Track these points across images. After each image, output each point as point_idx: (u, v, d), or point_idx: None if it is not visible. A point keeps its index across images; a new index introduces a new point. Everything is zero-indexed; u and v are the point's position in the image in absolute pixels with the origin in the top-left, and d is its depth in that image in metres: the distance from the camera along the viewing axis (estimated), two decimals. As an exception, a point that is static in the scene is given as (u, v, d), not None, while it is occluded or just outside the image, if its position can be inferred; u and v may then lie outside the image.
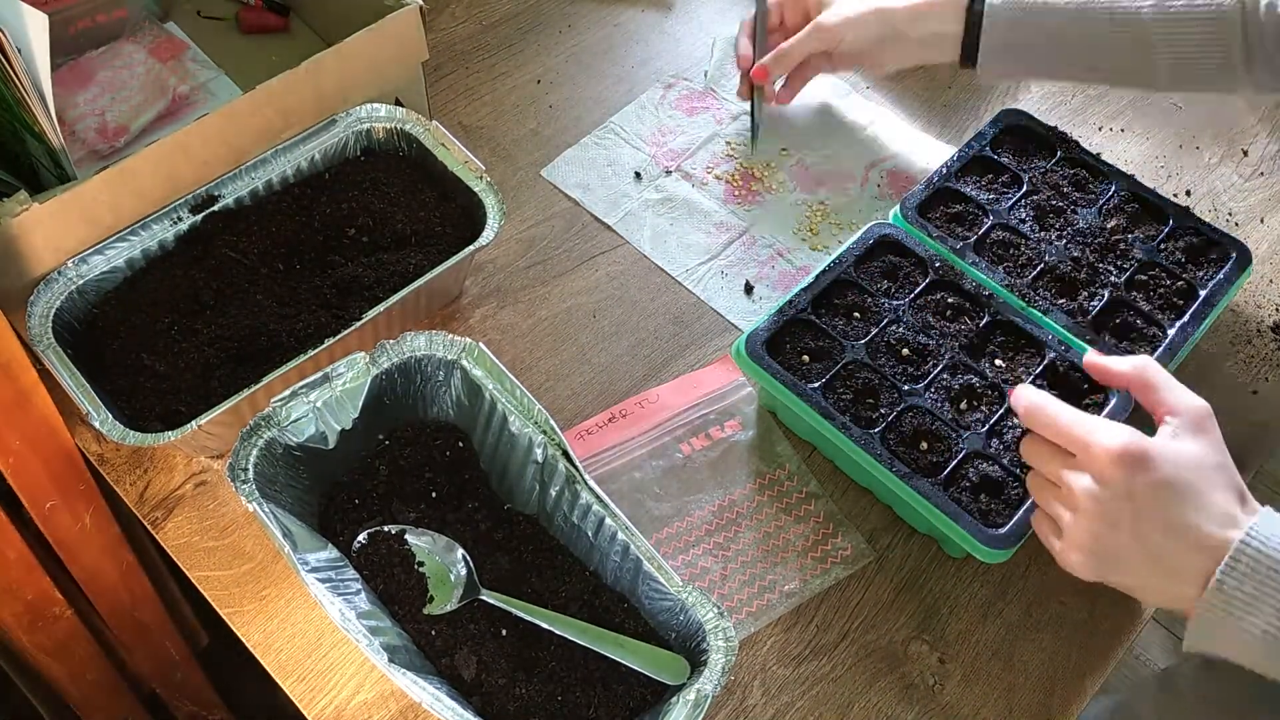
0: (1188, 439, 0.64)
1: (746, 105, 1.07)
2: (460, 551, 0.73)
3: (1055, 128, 0.98)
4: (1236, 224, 1.04)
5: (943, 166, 0.94)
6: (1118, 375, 0.70)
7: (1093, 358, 0.71)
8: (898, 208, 0.92)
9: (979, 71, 0.94)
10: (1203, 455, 0.64)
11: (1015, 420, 0.81)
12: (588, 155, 1.06)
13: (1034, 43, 0.90)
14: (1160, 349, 0.84)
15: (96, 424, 0.73)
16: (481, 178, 0.88)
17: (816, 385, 0.81)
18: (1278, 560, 0.60)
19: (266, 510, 0.68)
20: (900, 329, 0.85)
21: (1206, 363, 0.93)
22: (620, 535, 0.71)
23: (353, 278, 0.85)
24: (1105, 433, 0.64)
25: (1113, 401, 0.81)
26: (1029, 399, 0.69)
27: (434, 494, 0.78)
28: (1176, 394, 0.66)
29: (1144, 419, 0.68)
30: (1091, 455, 0.64)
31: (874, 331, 0.85)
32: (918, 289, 0.87)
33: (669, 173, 1.05)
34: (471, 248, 0.84)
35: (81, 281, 0.81)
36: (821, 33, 0.98)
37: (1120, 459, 0.62)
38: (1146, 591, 0.66)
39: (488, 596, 0.72)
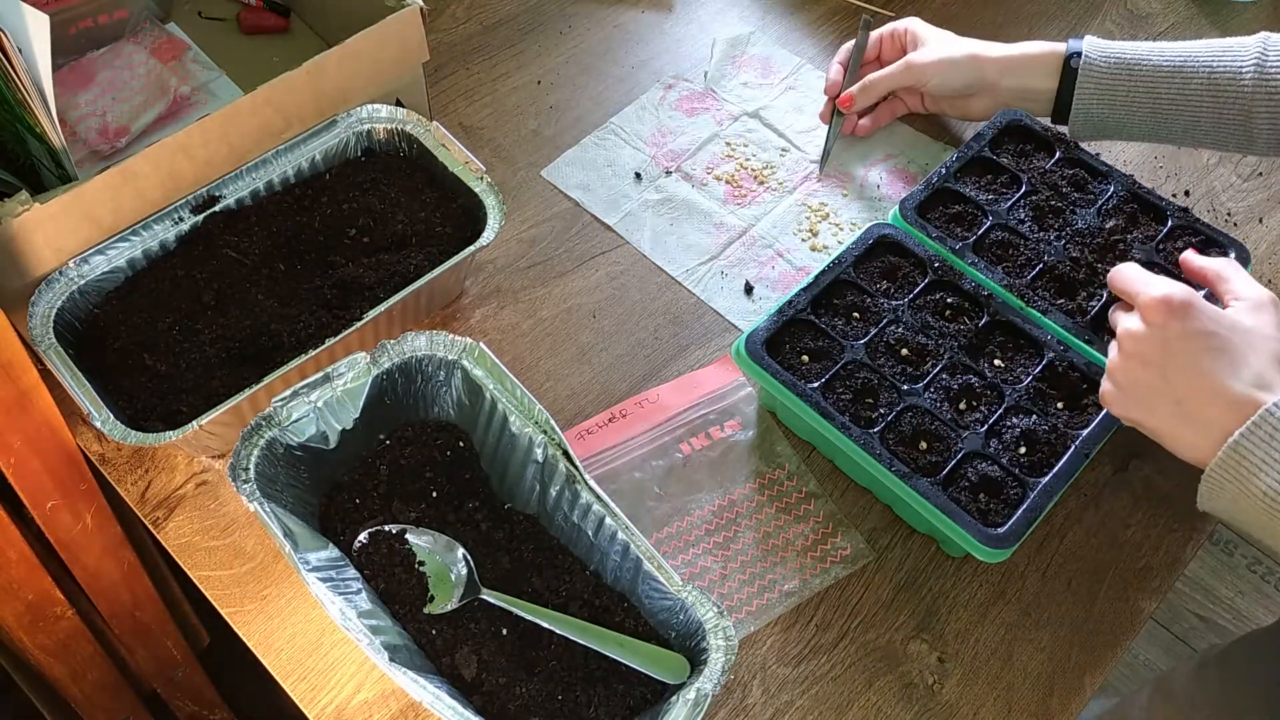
0: (1242, 312, 0.69)
1: (751, 111, 1.07)
2: (461, 551, 0.73)
3: (1055, 128, 0.98)
4: (1235, 224, 1.04)
5: (942, 166, 0.95)
6: (1199, 269, 0.77)
7: (1189, 255, 0.79)
8: (897, 208, 0.92)
9: (1070, 130, 0.94)
10: (1251, 325, 0.68)
11: (1014, 420, 0.81)
12: (588, 156, 1.06)
13: (1129, 104, 0.89)
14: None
15: (98, 424, 0.73)
16: (482, 178, 0.89)
17: (816, 385, 0.81)
18: None
19: (267, 510, 0.68)
20: (900, 329, 0.85)
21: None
22: (620, 535, 0.72)
23: (353, 278, 0.85)
24: (1157, 283, 0.70)
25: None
26: (1114, 269, 0.76)
27: (434, 494, 0.78)
28: (1245, 283, 0.72)
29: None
30: (1140, 301, 0.70)
31: (873, 331, 0.85)
32: (917, 289, 0.87)
33: (669, 173, 1.05)
34: (472, 248, 0.84)
35: (83, 282, 0.81)
36: (911, 70, 0.98)
37: (1162, 302, 0.68)
38: (1166, 436, 0.69)
39: (488, 596, 0.72)
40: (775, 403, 0.87)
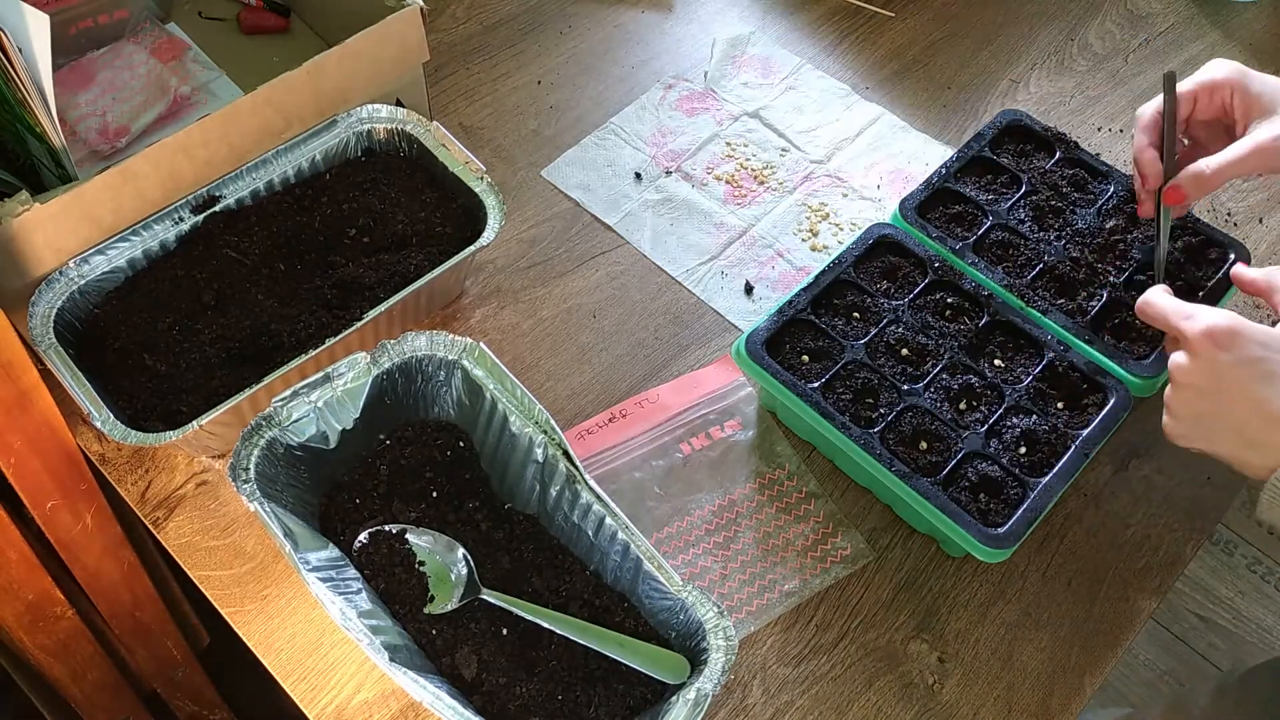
0: None
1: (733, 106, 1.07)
2: (461, 551, 0.73)
3: (1054, 128, 0.98)
4: (1235, 224, 1.04)
5: (942, 166, 0.95)
6: (1249, 282, 0.76)
7: (1239, 269, 0.77)
8: (897, 208, 0.92)
9: None
10: None
11: (1014, 420, 0.81)
12: (588, 156, 1.06)
13: None
14: (1159, 349, 0.84)
15: (98, 424, 0.73)
16: (482, 178, 0.89)
17: (816, 385, 0.81)
18: None
19: (268, 510, 0.68)
20: (900, 329, 0.85)
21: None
22: (620, 535, 0.72)
23: (353, 278, 0.85)
24: (1200, 315, 0.70)
25: (1112, 399, 0.81)
26: (1141, 299, 0.76)
27: (434, 494, 0.78)
28: None
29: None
30: (1186, 336, 0.70)
31: (873, 331, 0.85)
32: (917, 289, 0.87)
33: (669, 173, 1.05)
34: (472, 248, 0.84)
35: (83, 282, 0.81)
36: (1264, 156, 0.79)
37: (1207, 335, 0.68)
38: (1234, 461, 0.70)
39: (488, 596, 0.72)
40: (775, 403, 0.87)
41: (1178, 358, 0.71)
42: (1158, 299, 0.75)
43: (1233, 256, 0.90)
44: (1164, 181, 0.83)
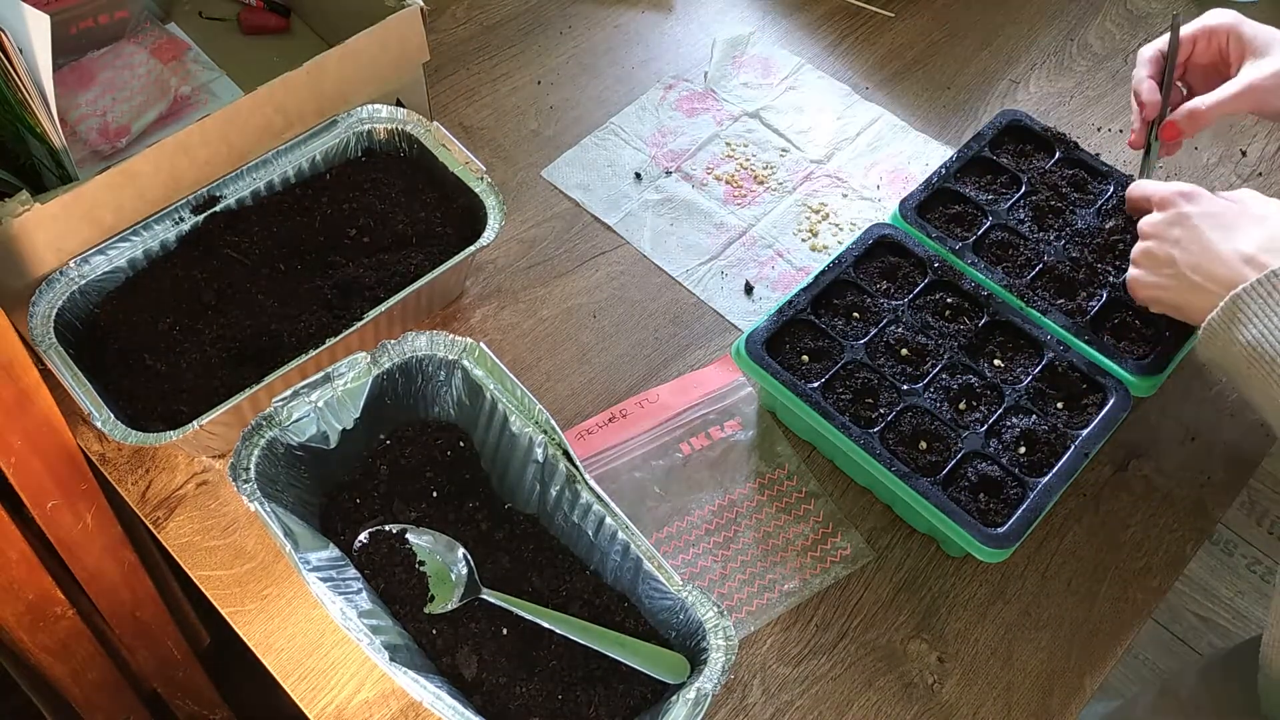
0: (1248, 197, 0.76)
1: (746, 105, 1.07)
2: (461, 551, 0.73)
3: (1054, 128, 0.98)
4: (1235, 224, 1.04)
5: (942, 166, 0.95)
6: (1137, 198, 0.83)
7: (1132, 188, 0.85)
8: (897, 208, 0.92)
9: None
10: (1259, 204, 0.74)
11: (1014, 420, 0.81)
12: (588, 156, 1.06)
13: None
14: (1158, 349, 0.84)
15: (98, 424, 0.73)
16: (482, 178, 0.89)
17: (816, 385, 0.82)
18: None
19: (268, 510, 0.68)
20: (899, 329, 0.86)
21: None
22: (620, 535, 0.72)
23: (354, 278, 0.85)
24: (1167, 184, 0.79)
25: (1112, 399, 0.81)
26: (1130, 187, 0.84)
27: (435, 493, 0.78)
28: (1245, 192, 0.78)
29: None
30: (1155, 200, 0.79)
31: (873, 331, 0.85)
32: (917, 289, 0.88)
33: (669, 173, 1.05)
34: (472, 248, 0.84)
35: (83, 282, 0.81)
36: (1256, 95, 0.83)
37: (1174, 193, 0.77)
38: (1183, 306, 0.76)
39: (488, 595, 0.72)
40: (775, 403, 0.87)
41: (1149, 215, 0.79)
42: (1146, 182, 0.83)
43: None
44: (1159, 117, 0.87)
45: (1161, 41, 0.88)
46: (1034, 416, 0.81)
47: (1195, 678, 1.06)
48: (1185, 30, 0.87)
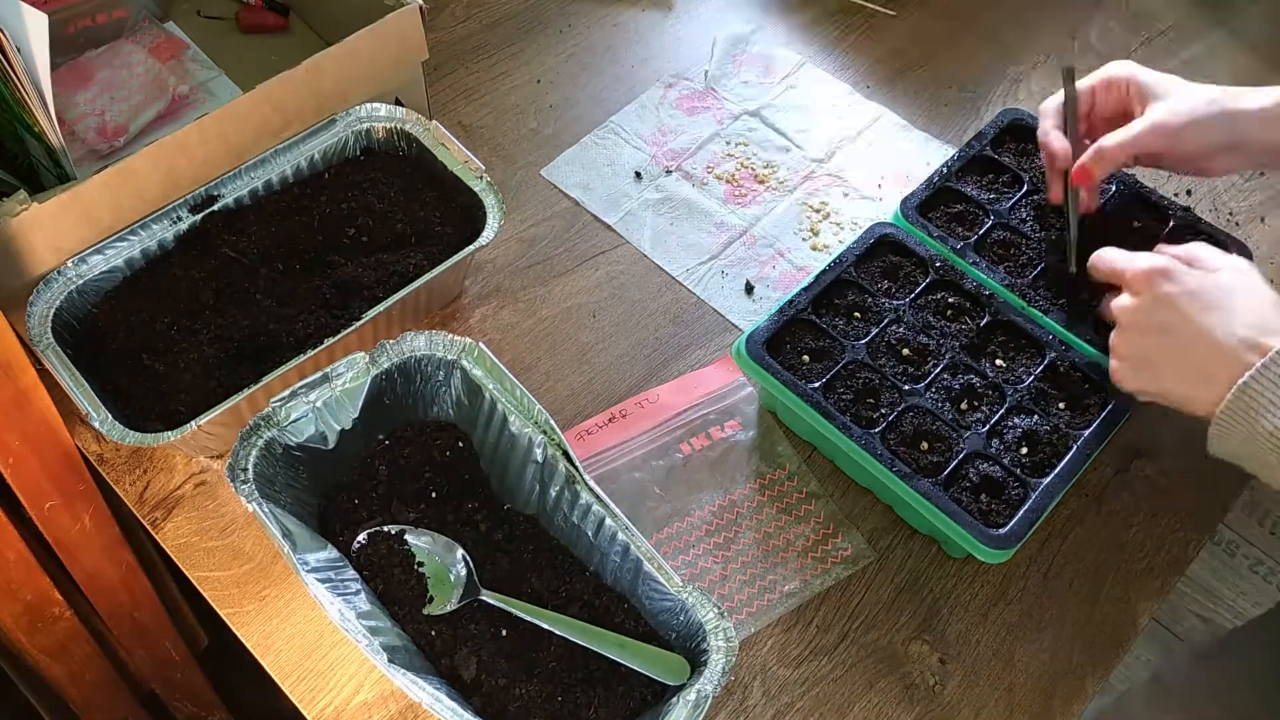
0: (1225, 270, 0.71)
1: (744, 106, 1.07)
2: (460, 552, 0.73)
3: (1056, 127, 0.98)
4: (1237, 224, 1.04)
5: (943, 166, 0.94)
6: (1172, 254, 0.74)
7: (1160, 247, 0.76)
8: (898, 207, 0.91)
9: None
10: (1234, 277, 0.69)
11: (1016, 420, 0.81)
12: (588, 155, 1.05)
13: None
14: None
15: (96, 424, 0.73)
16: (481, 177, 0.88)
17: (817, 385, 0.81)
18: None
19: (266, 510, 0.68)
20: (901, 329, 0.85)
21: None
22: (620, 535, 0.71)
23: (352, 278, 0.85)
24: (1140, 257, 0.73)
25: (1114, 401, 0.81)
26: (1094, 256, 0.78)
27: (434, 494, 0.77)
28: (1219, 254, 0.73)
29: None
30: (1126, 279, 0.73)
31: (874, 331, 0.85)
32: (918, 289, 0.87)
33: (669, 172, 1.04)
34: (471, 247, 0.84)
35: (81, 281, 0.81)
36: (1161, 134, 0.82)
37: (1148, 273, 0.71)
38: (1178, 398, 0.71)
39: (488, 597, 0.72)
40: (776, 403, 0.87)
41: (1121, 300, 0.74)
42: (1109, 252, 0.77)
43: (1234, 253, 0.89)
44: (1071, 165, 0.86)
45: (1059, 95, 0.88)
46: (1036, 417, 0.81)
47: (1187, 666, 1.06)
48: (1085, 82, 0.87)
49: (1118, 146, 0.83)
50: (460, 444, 0.79)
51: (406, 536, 0.73)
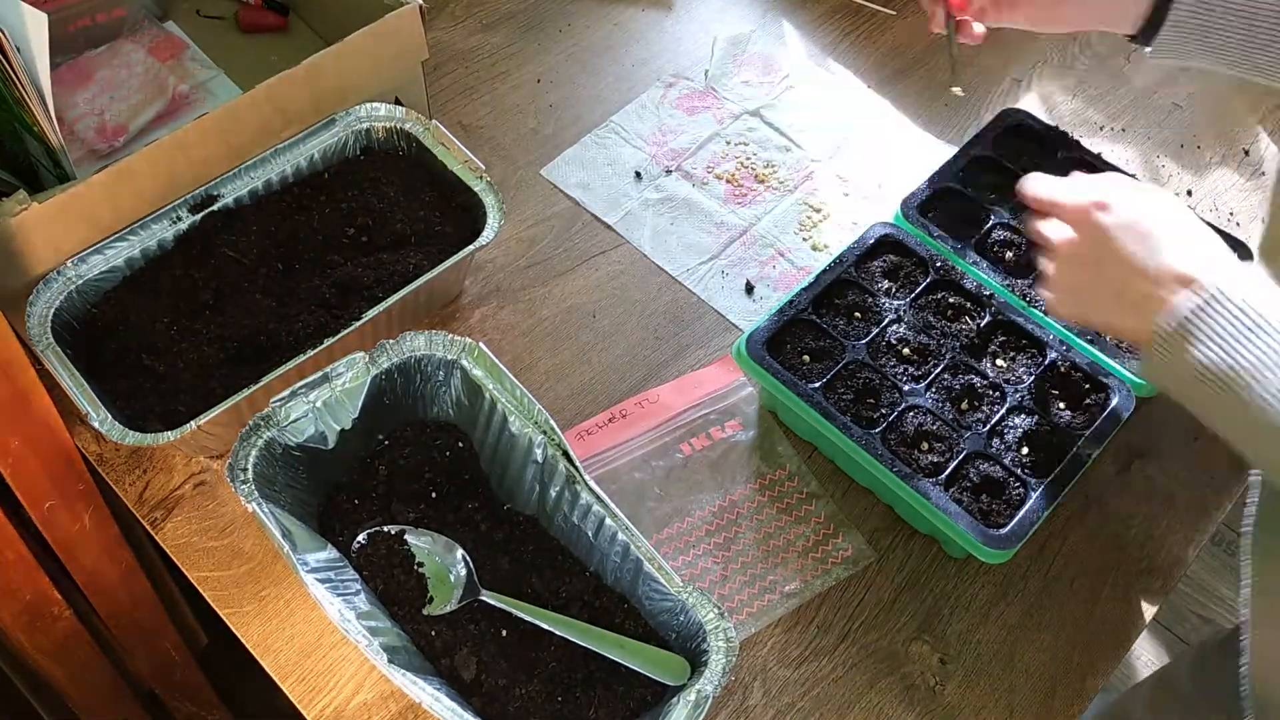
0: (1159, 199, 0.70)
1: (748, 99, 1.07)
2: (460, 552, 0.73)
3: (1056, 127, 0.98)
4: (1237, 223, 1.04)
5: (943, 166, 0.94)
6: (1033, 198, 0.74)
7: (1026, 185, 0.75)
8: (898, 207, 0.91)
9: (1153, 48, 0.86)
10: (1173, 210, 0.69)
11: (1016, 420, 0.81)
12: (588, 155, 1.05)
13: (1224, 23, 0.84)
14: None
15: (96, 424, 0.73)
16: (481, 177, 0.88)
17: (817, 385, 0.81)
18: (1238, 303, 0.62)
19: (266, 510, 0.68)
20: (901, 329, 0.85)
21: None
22: (620, 535, 0.71)
23: (352, 277, 0.85)
24: (1076, 187, 0.71)
25: (1115, 399, 0.81)
26: (1023, 184, 0.75)
27: (434, 494, 0.77)
28: (1132, 185, 0.72)
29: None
30: (1065, 209, 0.71)
31: (875, 331, 0.85)
32: (918, 289, 0.87)
33: (669, 172, 1.04)
34: (471, 247, 0.84)
35: (81, 281, 0.81)
36: None
37: (1087, 205, 0.69)
38: (1115, 327, 0.71)
39: (488, 597, 0.72)
40: (776, 403, 0.86)
41: (1057, 231, 0.72)
42: (1042, 180, 0.74)
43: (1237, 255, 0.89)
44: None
45: None
46: (1036, 417, 0.81)
47: (1189, 667, 1.06)
48: None
49: None
50: (460, 444, 0.79)
51: (406, 536, 0.73)
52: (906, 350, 0.84)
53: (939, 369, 0.83)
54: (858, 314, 0.86)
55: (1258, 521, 0.77)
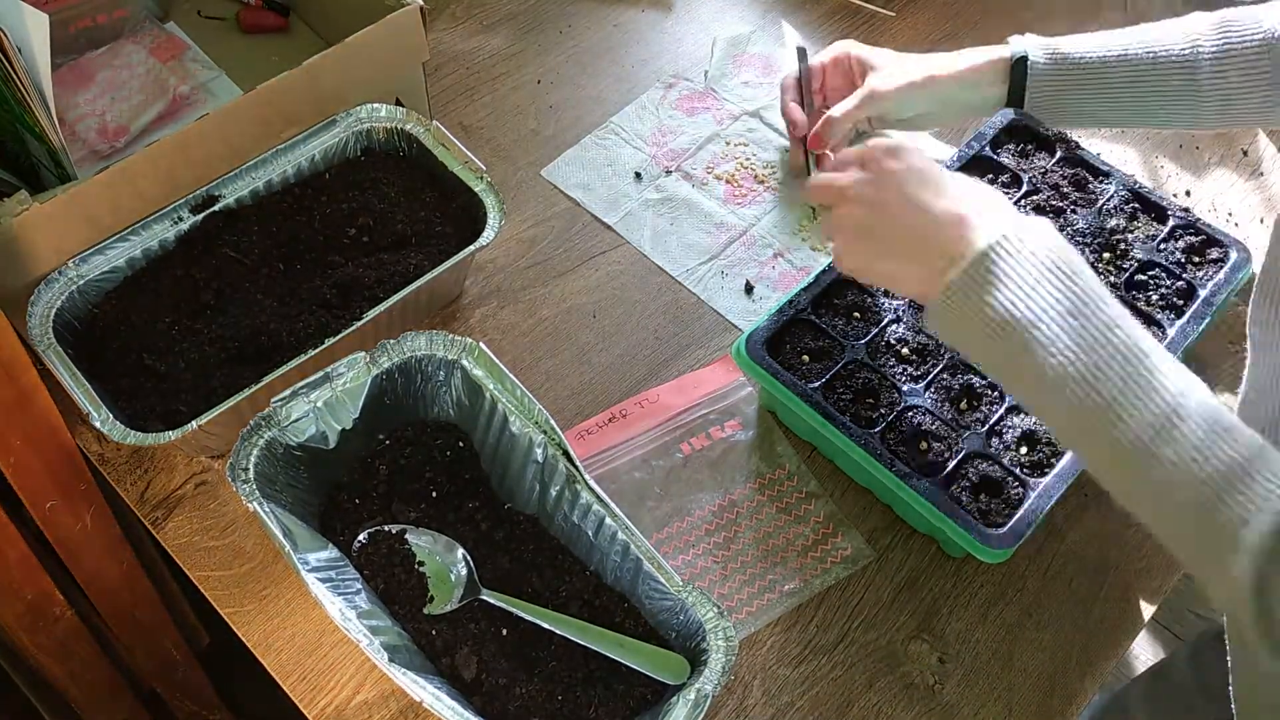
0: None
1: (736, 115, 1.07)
2: (460, 551, 0.73)
3: (1055, 128, 0.98)
4: (1236, 224, 1.04)
5: (943, 165, 0.94)
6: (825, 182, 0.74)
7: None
8: (898, 208, 0.91)
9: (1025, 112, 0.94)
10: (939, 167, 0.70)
11: (1015, 420, 0.81)
12: (588, 155, 1.06)
13: (1078, 95, 0.90)
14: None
15: (97, 424, 0.73)
16: (481, 178, 0.88)
17: (816, 385, 0.81)
18: (1030, 253, 0.62)
19: (267, 510, 0.68)
20: (900, 328, 0.85)
21: (1206, 362, 0.93)
22: (620, 535, 0.71)
23: (353, 278, 0.85)
24: (875, 140, 0.73)
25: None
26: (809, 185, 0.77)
27: (434, 494, 0.78)
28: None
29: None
30: (853, 156, 0.73)
31: (874, 331, 0.85)
32: (918, 289, 0.87)
33: (669, 173, 1.05)
34: (472, 248, 0.84)
35: (82, 281, 0.81)
36: (875, 101, 0.93)
37: (878, 150, 0.71)
38: (898, 277, 0.70)
39: (488, 596, 0.72)
40: (775, 403, 0.87)
41: (852, 175, 0.72)
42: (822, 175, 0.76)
43: (1233, 255, 0.89)
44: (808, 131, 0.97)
45: (795, 70, 1.01)
46: (1035, 417, 0.81)
47: (1186, 659, 1.06)
48: (814, 60, 1.00)
49: (842, 115, 0.94)
50: (461, 444, 0.79)
51: (407, 536, 0.73)
52: (905, 350, 0.85)
53: (938, 369, 0.83)
54: (857, 314, 0.87)
55: None
